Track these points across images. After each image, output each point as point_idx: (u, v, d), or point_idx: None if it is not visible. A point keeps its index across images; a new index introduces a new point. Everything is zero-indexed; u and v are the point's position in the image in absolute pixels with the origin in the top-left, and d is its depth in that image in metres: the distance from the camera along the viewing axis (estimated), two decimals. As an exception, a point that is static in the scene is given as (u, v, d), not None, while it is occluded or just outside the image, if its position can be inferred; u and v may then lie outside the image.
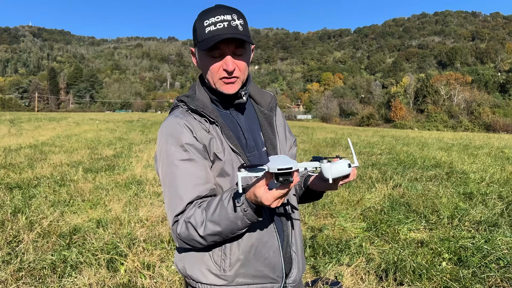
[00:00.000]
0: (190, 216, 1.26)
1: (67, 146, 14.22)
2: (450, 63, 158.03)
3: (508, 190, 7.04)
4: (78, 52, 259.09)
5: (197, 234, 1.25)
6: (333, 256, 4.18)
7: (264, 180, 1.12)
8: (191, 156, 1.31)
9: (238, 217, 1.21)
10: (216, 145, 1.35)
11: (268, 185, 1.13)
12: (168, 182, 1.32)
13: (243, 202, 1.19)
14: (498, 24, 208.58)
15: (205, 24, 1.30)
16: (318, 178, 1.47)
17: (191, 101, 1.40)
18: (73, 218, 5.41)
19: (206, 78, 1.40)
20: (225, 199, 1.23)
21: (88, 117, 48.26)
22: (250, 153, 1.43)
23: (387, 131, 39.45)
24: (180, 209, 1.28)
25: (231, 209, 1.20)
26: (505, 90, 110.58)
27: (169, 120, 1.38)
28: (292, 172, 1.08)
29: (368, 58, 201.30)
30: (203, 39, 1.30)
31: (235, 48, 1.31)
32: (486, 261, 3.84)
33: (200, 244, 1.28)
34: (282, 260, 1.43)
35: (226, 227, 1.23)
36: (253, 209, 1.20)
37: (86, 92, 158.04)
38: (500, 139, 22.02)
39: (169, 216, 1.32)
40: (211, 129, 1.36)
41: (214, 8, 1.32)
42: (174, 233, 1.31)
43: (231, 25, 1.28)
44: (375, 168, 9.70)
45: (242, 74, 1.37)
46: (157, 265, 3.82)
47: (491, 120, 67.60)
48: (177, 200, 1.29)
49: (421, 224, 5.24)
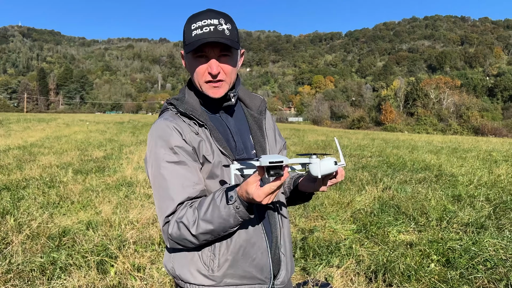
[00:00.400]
0: (182, 216, 1.27)
1: (57, 148, 14.09)
2: (439, 67, 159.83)
3: (496, 193, 7.14)
4: (68, 52, 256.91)
5: (189, 233, 1.26)
6: (323, 257, 4.20)
7: (255, 177, 1.15)
8: (180, 159, 1.32)
9: (230, 215, 1.22)
10: (205, 147, 1.36)
11: (260, 181, 1.16)
12: (158, 184, 1.34)
13: (235, 199, 1.21)
14: (487, 29, 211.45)
15: (192, 27, 1.32)
16: (307, 179, 1.49)
17: (180, 104, 1.41)
18: (62, 220, 5.37)
19: (193, 80, 1.42)
20: (217, 198, 1.24)
21: (78, 118, 47.85)
22: (239, 156, 1.44)
23: (377, 134, 39.72)
24: (170, 209, 1.29)
25: (224, 207, 1.22)
26: (493, 94, 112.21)
27: (158, 122, 1.39)
28: (282, 167, 1.11)
29: (359, 62, 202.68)
30: (190, 42, 1.32)
31: (220, 52, 1.33)
32: (473, 263, 3.90)
33: (192, 243, 1.29)
34: (270, 261, 1.44)
35: (218, 225, 1.24)
36: (245, 207, 1.22)
37: (76, 93, 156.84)
38: (488, 142, 22.30)
39: (160, 217, 1.33)
40: (200, 131, 1.38)
41: (203, 12, 1.34)
42: (165, 234, 1.32)
43: (217, 29, 1.30)
44: (365, 171, 9.77)
45: (228, 78, 1.38)
46: (147, 267, 3.81)
47: (479, 124, 68.36)
48: (167, 201, 1.30)
49: (410, 226, 5.30)
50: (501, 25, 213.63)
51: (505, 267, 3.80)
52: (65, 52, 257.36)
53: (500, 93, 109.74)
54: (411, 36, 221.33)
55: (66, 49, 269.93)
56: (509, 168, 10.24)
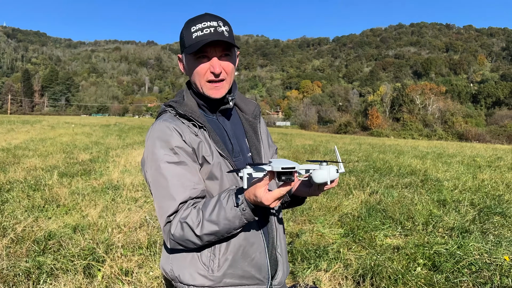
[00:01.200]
0: (186, 216, 1.27)
1: (42, 150, 13.89)
2: (425, 73, 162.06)
3: (480, 198, 7.27)
4: (54, 54, 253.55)
5: (193, 234, 1.27)
6: (311, 261, 4.22)
7: (264, 181, 1.18)
8: (181, 159, 1.33)
9: (236, 217, 1.24)
10: (204, 148, 1.38)
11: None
12: (158, 184, 1.34)
13: (242, 201, 1.23)
14: (471, 36, 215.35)
15: (192, 30, 1.35)
16: (302, 185, 1.51)
17: (179, 106, 1.42)
18: (48, 223, 5.29)
19: (194, 82, 1.43)
20: (224, 199, 1.26)
21: (64, 120, 47.23)
22: (236, 158, 1.47)
23: (364, 138, 40.08)
24: (172, 209, 1.29)
25: (230, 209, 1.24)
26: (477, 101, 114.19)
27: (157, 124, 1.39)
28: (293, 172, 1.14)
29: (346, 67, 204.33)
30: (191, 43, 1.35)
31: (221, 51, 1.37)
32: (458, 266, 3.96)
33: (194, 244, 1.30)
34: (268, 261, 1.46)
35: (224, 226, 1.26)
36: (251, 209, 1.24)
37: (62, 95, 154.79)
38: (472, 148, 22.68)
39: (161, 216, 1.33)
40: (199, 133, 1.39)
41: (201, 16, 1.38)
42: (166, 234, 1.32)
43: (217, 30, 1.34)
44: (352, 175, 9.85)
45: (229, 77, 1.42)
46: (135, 271, 3.78)
47: (463, 130, 69.55)
48: (169, 201, 1.30)
49: (397, 230, 5.36)
50: (485, 33, 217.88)
51: (489, 270, 3.87)
52: (51, 53, 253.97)
53: (483, 100, 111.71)
54: (398, 42, 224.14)
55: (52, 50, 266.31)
56: (492, 173, 10.44)
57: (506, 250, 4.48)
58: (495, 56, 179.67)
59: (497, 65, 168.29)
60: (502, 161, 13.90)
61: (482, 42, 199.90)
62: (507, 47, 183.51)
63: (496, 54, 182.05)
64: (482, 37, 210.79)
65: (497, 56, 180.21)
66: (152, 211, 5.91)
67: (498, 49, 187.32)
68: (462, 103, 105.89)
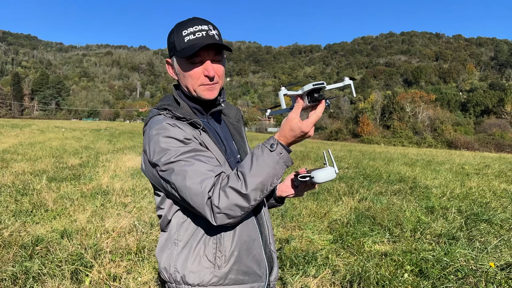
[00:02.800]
0: (226, 183, 1.25)
1: (31, 154, 13.75)
2: (415, 81, 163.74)
3: (467, 205, 7.36)
4: (44, 57, 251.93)
5: (239, 195, 1.23)
6: (300, 267, 4.24)
7: (295, 111, 1.25)
8: (195, 146, 1.32)
9: (276, 162, 1.26)
10: (210, 148, 1.39)
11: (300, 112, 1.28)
12: (183, 171, 1.27)
13: (277, 144, 1.26)
14: (460, 46, 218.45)
15: (183, 33, 1.36)
16: (287, 186, 1.59)
17: (176, 110, 1.41)
18: (35, 228, 5.25)
19: (185, 85, 1.44)
20: (258, 150, 1.28)
21: (54, 124, 46.82)
22: (229, 160, 1.48)
23: (354, 145, 40.34)
24: (210, 184, 1.25)
25: (268, 155, 1.25)
26: (466, 109, 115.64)
27: (157, 125, 1.35)
28: (319, 91, 1.23)
29: (337, 74, 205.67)
30: (183, 47, 1.35)
31: (214, 55, 1.39)
32: (445, 273, 4.00)
33: (242, 208, 1.25)
34: (265, 257, 1.50)
35: (267, 175, 1.25)
36: (287, 151, 1.28)
37: (52, 99, 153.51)
38: (461, 155, 22.92)
39: (200, 196, 1.25)
40: (200, 132, 1.40)
41: (191, 20, 1.39)
42: (210, 210, 1.25)
43: (209, 34, 1.36)
44: (342, 182, 9.90)
45: (221, 80, 1.44)
46: (123, 277, 3.77)
47: (453, 137, 70.18)
48: (203, 178, 1.25)
49: (385, 236, 5.40)
50: (474, 42, 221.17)
51: (475, 277, 3.92)
52: (42, 57, 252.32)
53: (472, 108, 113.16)
54: (388, 50, 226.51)
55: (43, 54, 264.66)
56: (480, 181, 10.57)
57: (491, 256, 4.54)
58: (483, 65, 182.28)
59: (486, 74, 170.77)
60: (489, 169, 14.07)
61: (471, 52, 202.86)
62: (495, 57, 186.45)
63: (484, 63, 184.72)
64: (471, 46, 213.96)
65: (485, 65, 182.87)
66: (141, 216, 5.89)
67: (487, 59, 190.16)
68: (451, 111, 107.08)
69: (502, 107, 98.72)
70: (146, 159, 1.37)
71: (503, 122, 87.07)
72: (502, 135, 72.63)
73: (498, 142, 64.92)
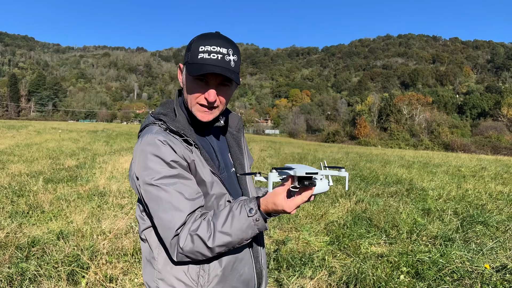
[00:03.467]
0: (196, 228, 1.24)
1: (27, 156, 13.72)
2: (412, 84, 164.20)
3: (463, 207, 7.39)
4: (42, 59, 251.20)
5: (204, 246, 1.24)
6: (297, 269, 4.25)
7: (283, 188, 1.22)
8: (179, 172, 1.29)
9: (249, 226, 1.24)
10: (198, 166, 1.35)
11: (287, 192, 1.23)
12: (159, 199, 1.27)
13: (256, 212, 1.23)
14: (457, 48, 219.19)
15: (200, 49, 1.30)
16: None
17: (171, 122, 1.37)
18: (32, 229, 5.24)
19: (186, 98, 1.40)
20: (236, 209, 1.25)
21: (50, 126, 46.66)
22: (221, 174, 1.46)
23: (351, 147, 40.38)
24: (181, 221, 1.25)
25: (245, 219, 1.23)
26: (462, 112, 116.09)
27: (149, 138, 1.32)
28: (311, 178, 1.20)
29: (334, 76, 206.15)
30: (194, 63, 1.31)
31: (221, 81, 1.33)
32: (441, 274, 4.02)
33: (204, 256, 1.27)
34: (255, 276, 1.48)
35: (236, 237, 1.24)
36: (264, 219, 1.25)
37: (49, 100, 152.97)
38: (457, 158, 23.01)
39: (168, 230, 1.26)
40: (192, 151, 1.36)
41: (214, 36, 1.33)
42: (173, 248, 1.27)
43: (225, 59, 1.30)
44: (339, 184, 9.92)
45: (222, 106, 1.39)
46: (120, 278, 3.77)
47: (449, 140, 70.49)
48: (174, 213, 1.25)
49: (381, 238, 5.42)
50: (470, 45, 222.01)
51: (470, 278, 3.94)
52: (39, 58, 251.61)
53: (469, 111, 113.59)
54: (385, 53, 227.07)
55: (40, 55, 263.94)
56: (476, 183, 10.61)
57: (487, 258, 4.57)
58: (480, 68, 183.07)
59: (482, 77, 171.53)
60: (486, 171, 14.14)
61: (468, 54, 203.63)
62: (491, 60, 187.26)
63: (481, 66, 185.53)
64: (467, 49, 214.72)
65: (482, 68, 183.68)
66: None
67: (483, 61, 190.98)
68: (448, 113, 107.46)
69: (498, 109, 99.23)
70: (132, 168, 1.37)
71: (500, 125, 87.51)
72: (499, 138, 73.02)
73: (495, 144, 65.24)
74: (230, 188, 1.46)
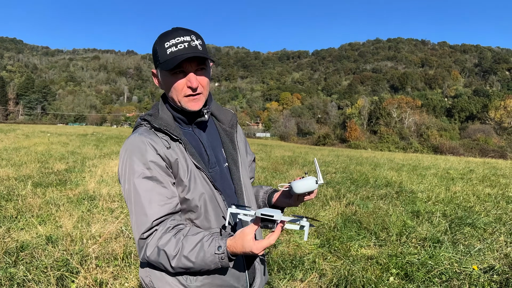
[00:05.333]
0: (165, 244, 1.29)
1: (15, 159, 13.54)
2: (401, 87, 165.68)
3: (452, 209, 7.47)
4: (30, 61, 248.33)
5: (168, 263, 1.29)
6: (287, 271, 4.26)
7: (251, 228, 1.24)
8: (153, 174, 1.34)
9: (213, 262, 1.28)
10: (181, 164, 1.39)
11: None
12: (133, 200, 1.34)
13: (223, 251, 1.26)
14: (445, 52, 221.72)
15: (166, 45, 1.35)
16: (283, 195, 1.58)
17: (154, 120, 1.43)
18: (20, 234, 5.18)
19: (170, 97, 1.44)
20: (206, 242, 1.28)
21: (39, 129, 46.13)
22: (212, 169, 1.48)
23: (342, 150, 40.59)
24: (146, 226, 1.31)
25: (210, 254, 1.27)
26: (451, 115, 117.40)
27: (133, 138, 1.39)
28: (274, 221, 1.21)
29: (325, 80, 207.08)
30: (166, 59, 1.35)
31: (197, 66, 1.38)
32: (430, 276, 4.07)
33: (165, 270, 1.34)
34: (246, 273, 1.50)
35: (199, 266, 1.29)
36: (229, 259, 1.28)
37: (38, 103, 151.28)
38: (446, 160, 23.24)
39: (135, 232, 1.34)
40: (174, 146, 1.40)
41: (173, 31, 1.38)
42: (140, 250, 1.34)
43: (191, 45, 1.35)
44: (329, 186, 9.97)
45: (205, 90, 1.43)
46: (110, 282, 3.74)
47: (438, 143, 71.24)
48: (142, 218, 1.31)
49: (371, 240, 5.46)
50: (458, 49, 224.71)
51: (459, 279, 3.99)
52: (27, 61, 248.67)
53: (457, 114, 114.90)
54: (375, 57, 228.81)
55: (28, 58, 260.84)
56: (464, 186, 10.74)
57: (475, 259, 4.63)
58: (468, 72, 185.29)
59: (470, 80, 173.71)
60: (474, 173, 14.31)
61: (456, 58, 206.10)
62: (479, 63, 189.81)
63: (469, 70, 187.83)
64: (455, 53, 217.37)
65: (470, 72, 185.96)
66: (128, 222, 5.86)
67: (471, 65, 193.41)
68: (437, 116, 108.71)
69: (486, 113, 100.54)
70: (118, 169, 1.44)
71: (487, 128, 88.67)
72: (486, 141, 73.97)
73: (482, 147, 66.04)
74: (222, 183, 1.50)
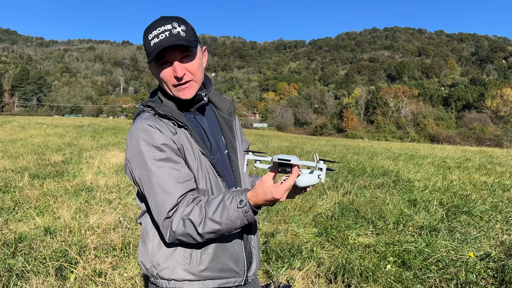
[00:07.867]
0: (189, 213, 1.29)
1: (12, 151, 13.50)
2: (398, 77, 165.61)
3: (448, 197, 7.52)
4: (25, 53, 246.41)
5: (195, 231, 1.29)
6: (286, 260, 4.29)
7: (268, 175, 1.26)
8: (168, 155, 1.34)
9: (238, 217, 1.28)
10: (187, 150, 1.40)
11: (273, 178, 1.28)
12: (150, 182, 1.34)
13: (245, 203, 1.27)
14: (442, 41, 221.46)
15: (149, 38, 1.36)
16: None
17: (159, 107, 1.43)
18: (18, 225, 5.18)
19: (163, 88, 1.45)
20: (227, 200, 1.29)
21: (35, 121, 45.93)
22: (214, 156, 1.50)
23: (339, 140, 40.66)
24: (171, 204, 1.30)
25: (234, 210, 1.27)
26: (447, 104, 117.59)
27: (139, 123, 1.38)
28: (291, 165, 1.24)
29: (322, 70, 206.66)
30: (150, 52, 1.36)
31: (180, 53, 1.37)
32: (426, 263, 4.10)
33: (195, 240, 1.33)
34: (244, 255, 1.52)
35: (225, 226, 1.29)
36: (253, 211, 1.29)
37: (33, 95, 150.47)
38: (443, 149, 23.32)
39: (160, 212, 1.33)
40: (180, 132, 1.40)
41: (156, 21, 1.38)
42: (165, 229, 1.33)
43: (172, 33, 1.33)
44: (326, 176, 10.00)
45: (195, 76, 1.42)
46: (109, 272, 3.76)
47: (435, 132, 71.41)
48: (165, 196, 1.31)
49: (368, 229, 5.49)
50: (455, 38, 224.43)
51: (455, 267, 4.03)
52: (22, 52, 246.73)
53: (454, 103, 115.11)
54: (372, 46, 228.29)
55: (23, 49, 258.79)
56: (461, 174, 10.79)
57: (471, 247, 4.67)
58: (464, 61, 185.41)
59: (467, 69, 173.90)
60: (470, 162, 14.37)
61: (453, 47, 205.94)
62: (476, 52, 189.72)
63: (465, 59, 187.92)
64: (452, 42, 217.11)
65: (466, 60, 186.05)
66: (126, 212, 5.87)
67: (468, 54, 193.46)
68: (433, 106, 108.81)
69: (482, 101, 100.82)
70: (126, 154, 1.43)
71: (484, 117, 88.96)
72: (483, 129, 74.21)
73: (479, 136, 66.29)
74: (223, 170, 1.52)
